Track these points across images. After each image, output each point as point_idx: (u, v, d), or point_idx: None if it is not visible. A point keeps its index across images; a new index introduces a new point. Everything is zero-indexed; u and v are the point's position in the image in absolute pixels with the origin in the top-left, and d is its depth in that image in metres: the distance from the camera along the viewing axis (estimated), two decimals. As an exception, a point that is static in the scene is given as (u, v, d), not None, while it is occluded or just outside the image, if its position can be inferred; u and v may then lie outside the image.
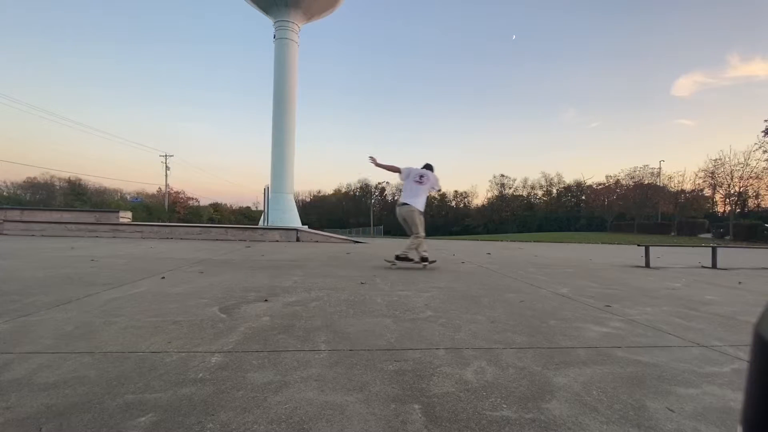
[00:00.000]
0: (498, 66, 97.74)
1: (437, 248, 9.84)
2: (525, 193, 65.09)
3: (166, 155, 44.84)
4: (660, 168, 43.84)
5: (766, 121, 27.39)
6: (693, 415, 1.31)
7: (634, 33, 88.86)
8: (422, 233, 5.27)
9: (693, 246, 12.76)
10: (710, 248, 7.15)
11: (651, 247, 6.96)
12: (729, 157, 32.47)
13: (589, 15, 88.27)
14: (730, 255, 10.30)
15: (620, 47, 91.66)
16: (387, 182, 71.57)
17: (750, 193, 35.99)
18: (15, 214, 10.55)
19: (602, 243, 18.75)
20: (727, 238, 27.65)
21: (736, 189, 32.21)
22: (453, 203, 70.93)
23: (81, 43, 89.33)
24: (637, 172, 45.36)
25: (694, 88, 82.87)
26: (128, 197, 47.90)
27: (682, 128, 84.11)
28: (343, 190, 75.47)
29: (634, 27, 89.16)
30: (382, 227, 58.48)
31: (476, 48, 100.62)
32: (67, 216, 10.96)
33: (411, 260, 5.21)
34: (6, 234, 9.84)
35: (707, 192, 39.89)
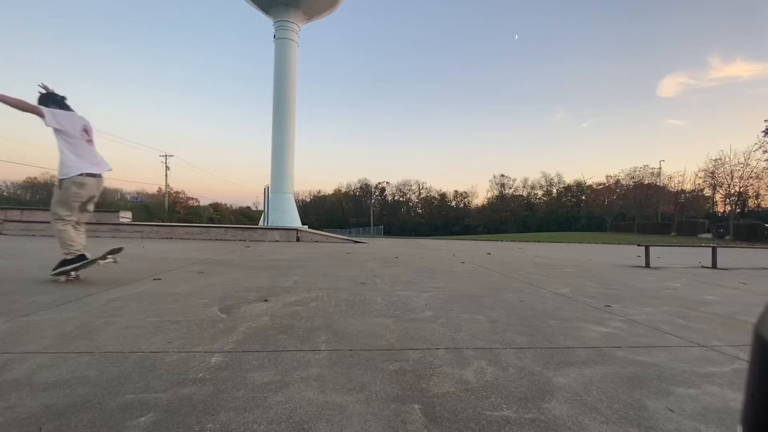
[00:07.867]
0: (498, 65, 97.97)
1: (437, 248, 9.84)
2: (525, 193, 65.22)
3: (166, 155, 44.88)
4: (660, 168, 43.92)
5: (766, 120, 27.37)
6: (693, 415, 1.31)
7: (627, 34, 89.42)
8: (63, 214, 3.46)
9: (693, 246, 12.75)
10: (710, 248, 7.15)
11: (651, 247, 6.95)
12: (729, 157, 32.54)
13: (592, 16, 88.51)
14: (730, 255, 10.31)
15: (615, 48, 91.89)
16: (387, 182, 71.56)
17: (750, 193, 36.05)
18: (15, 214, 10.55)
19: (602, 243, 18.75)
20: (727, 238, 27.65)
21: (736, 189, 32.25)
22: (453, 203, 70.96)
23: (81, 42, 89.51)
24: (638, 172, 45.49)
25: (680, 89, 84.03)
26: (128, 197, 48.06)
27: (673, 128, 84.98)
28: (343, 190, 75.48)
29: (627, 28, 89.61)
30: (382, 227, 58.53)
31: (476, 47, 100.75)
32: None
33: (88, 260, 3.51)
34: (6, 234, 9.83)
35: (707, 192, 39.95)
